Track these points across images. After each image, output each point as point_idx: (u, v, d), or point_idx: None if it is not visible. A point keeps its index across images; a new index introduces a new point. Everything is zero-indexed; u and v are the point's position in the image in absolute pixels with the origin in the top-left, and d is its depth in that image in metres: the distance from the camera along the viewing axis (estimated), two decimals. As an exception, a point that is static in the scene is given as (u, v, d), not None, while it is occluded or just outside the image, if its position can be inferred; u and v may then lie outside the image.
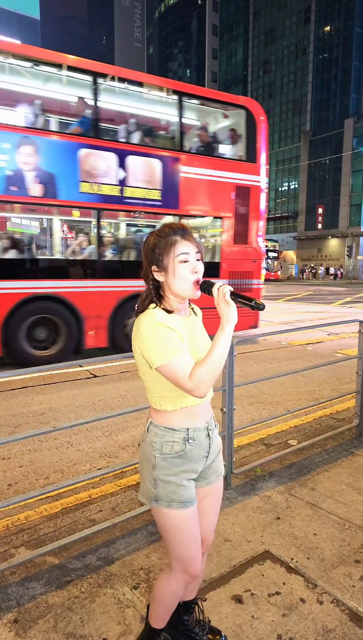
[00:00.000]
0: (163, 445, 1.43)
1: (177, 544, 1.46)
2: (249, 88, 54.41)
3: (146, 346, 1.34)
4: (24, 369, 2.60)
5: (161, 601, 1.57)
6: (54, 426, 2.41)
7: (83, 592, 2.02)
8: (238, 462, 3.27)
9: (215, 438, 1.54)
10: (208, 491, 1.57)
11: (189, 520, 1.45)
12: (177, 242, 1.37)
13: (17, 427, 4.17)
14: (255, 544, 2.35)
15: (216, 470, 1.58)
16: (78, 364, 2.69)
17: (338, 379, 5.83)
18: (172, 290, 1.41)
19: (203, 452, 1.48)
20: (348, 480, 3.06)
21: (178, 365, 1.31)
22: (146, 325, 1.35)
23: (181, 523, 1.44)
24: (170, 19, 71.90)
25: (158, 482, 1.43)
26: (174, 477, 1.42)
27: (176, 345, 1.32)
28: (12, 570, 2.17)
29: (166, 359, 1.31)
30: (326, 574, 2.13)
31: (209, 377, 1.31)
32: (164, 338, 1.32)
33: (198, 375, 1.30)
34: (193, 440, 1.44)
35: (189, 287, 1.38)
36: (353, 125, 40.53)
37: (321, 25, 45.22)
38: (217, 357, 1.32)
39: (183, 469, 1.44)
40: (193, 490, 1.48)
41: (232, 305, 1.33)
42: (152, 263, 1.40)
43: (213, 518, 1.63)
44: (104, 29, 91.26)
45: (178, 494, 1.42)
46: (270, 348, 8.00)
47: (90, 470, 3.30)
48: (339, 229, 41.83)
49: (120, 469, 2.80)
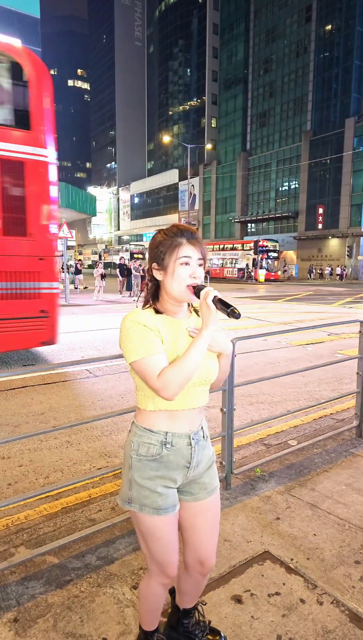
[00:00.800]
0: (140, 446, 1.42)
1: (151, 549, 1.45)
2: (249, 87, 54.31)
3: (123, 342, 1.36)
4: (23, 369, 2.60)
5: (144, 603, 1.57)
6: (54, 426, 2.41)
7: (83, 592, 2.02)
8: (237, 462, 3.27)
9: (201, 449, 1.48)
10: (197, 508, 1.51)
11: (162, 528, 1.41)
12: (182, 244, 1.37)
13: (17, 426, 4.17)
14: (254, 544, 2.35)
15: (206, 486, 1.51)
16: (78, 364, 2.69)
17: (338, 379, 5.83)
18: (167, 292, 1.40)
19: (183, 461, 1.43)
20: (348, 480, 3.06)
21: (149, 363, 1.31)
22: (125, 322, 1.37)
23: (153, 529, 1.41)
24: (170, 17, 71.76)
25: (133, 484, 1.42)
26: (148, 482, 1.40)
27: (150, 344, 1.32)
28: (12, 570, 2.17)
29: (139, 356, 1.32)
30: (326, 574, 2.13)
31: (178, 380, 1.29)
32: (139, 335, 1.33)
33: (166, 375, 1.29)
34: (171, 445, 1.41)
35: (183, 290, 1.37)
36: (354, 125, 40.44)
37: (322, 24, 45.09)
38: (189, 361, 1.30)
39: (159, 474, 1.41)
40: (171, 499, 1.43)
41: (212, 310, 1.31)
42: (154, 260, 1.41)
43: (210, 538, 1.53)
44: (104, 28, 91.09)
45: (150, 499, 1.40)
46: (270, 348, 7.99)
47: (90, 469, 3.30)
48: (339, 229, 41.76)
49: (120, 469, 2.79)
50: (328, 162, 43.63)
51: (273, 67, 51.37)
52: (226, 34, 58.49)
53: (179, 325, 1.43)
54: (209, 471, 1.53)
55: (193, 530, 1.52)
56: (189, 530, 1.53)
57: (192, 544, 1.54)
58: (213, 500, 1.54)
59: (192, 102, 68.53)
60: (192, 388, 1.41)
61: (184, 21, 68.53)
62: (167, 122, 74.83)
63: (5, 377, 5.75)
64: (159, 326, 1.37)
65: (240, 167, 53.37)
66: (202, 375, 1.42)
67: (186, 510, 1.51)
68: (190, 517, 1.52)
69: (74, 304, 16.25)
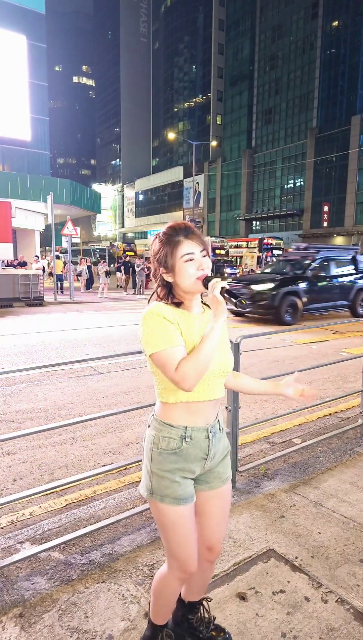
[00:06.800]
0: (160, 440, 1.45)
1: (171, 541, 1.47)
2: (255, 84, 54.07)
3: (143, 334, 1.39)
4: (28, 366, 2.60)
5: (158, 597, 1.59)
6: (59, 422, 2.41)
7: (88, 588, 2.03)
8: (242, 460, 3.27)
9: (217, 442, 1.52)
10: (210, 496, 1.56)
11: (183, 518, 1.45)
12: (181, 242, 1.39)
13: (22, 422, 4.19)
14: (259, 542, 2.35)
15: (220, 475, 1.56)
16: (83, 361, 2.70)
17: (342, 378, 5.81)
18: (181, 289, 1.43)
19: (201, 454, 1.47)
20: (352, 479, 3.06)
21: (168, 354, 1.34)
22: (145, 315, 1.39)
23: (174, 519, 1.44)
24: (176, 13, 71.47)
25: (153, 475, 1.46)
26: (168, 473, 1.44)
27: (170, 336, 1.35)
28: (18, 565, 2.18)
29: (158, 348, 1.34)
30: (330, 572, 2.13)
31: (194, 372, 1.32)
32: (159, 327, 1.36)
33: (183, 367, 1.32)
34: (190, 439, 1.45)
35: (194, 282, 1.40)
36: (360, 122, 40.19)
37: (328, 20, 44.80)
38: (203, 352, 1.33)
39: (178, 467, 1.44)
40: (189, 489, 1.47)
41: (221, 302, 1.34)
42: (160, 265, 1.43)
43: (220, 525, 1.59)
44: (109, 24, 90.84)
45: (171, 489, 1.43)
46: (274, 346, 7.98)
47: (94, 466, 3.31)
48: (345, 227, 41.60)
49: (124, 466, 2.80)
50: (334, 160, 43.42)
51: (279, 63, 51.12)
52: (232, 30, 58.20)
53: (195, 320, 1.46)
54: (224, 461, 1.58)
55: (204, 516, 1.56)
56: (200, 516, 1.56)
57: (201, 530, 1.57)
58: (226, 489, 1.59)
59: (197, 98, 68.33)
60: (213, 379, 1.45)
61: (190, 17, 68.28)
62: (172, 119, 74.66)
63: (10, 373, 5.77)
64: (178, 319, 1.41)
65: (245, 164, 53.20)
66: (220, 367, 1.46)
67: (199, 498, 1.55)
68: (203, 504, 1.56)
69: (79, 302, 16.28)
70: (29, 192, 25.33)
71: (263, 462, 3.15)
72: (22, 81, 28.60)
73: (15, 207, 17.49)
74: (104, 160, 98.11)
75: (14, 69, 28.11)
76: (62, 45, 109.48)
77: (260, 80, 53.82)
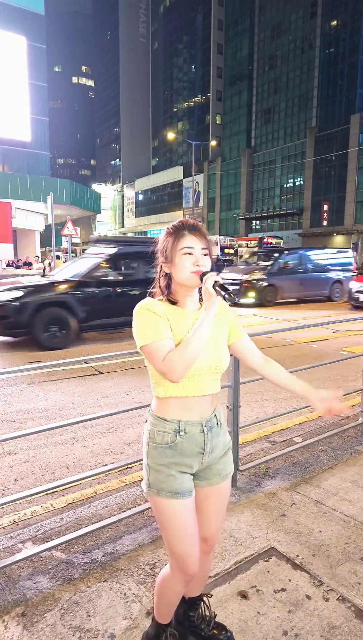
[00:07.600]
0: (156, 434, 1.47)
1: (170, 536, 1.48)
2: (254, 83, 54.05)
3: (134, 328, 1.43)
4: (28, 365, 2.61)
5: (161, 596, 1.60)
6: (60, 422, 2.42)
7: (89, 587, 2.04)
8: (243, 459, 3.28)
9: (215, 436, 1.52)
10: (209, 492, 1.57)
11: (180, 513, 1.45)
12: (183, 236, 1.43)
13: (23, 422, 4.20)
14: (260, 541, 2.36)
15: (220, 472, 1.57)
16: (83, 360, 2.70)
17: (343, 377, 5.82)
18: (176, 281, 1.46)
19: (197, 448, 1.48)
20: (353, 477, 3.06)
21: (157, 347, 1.37)
22: (136, 310, 1.44)
23: (171, 513, 1.45)
24: (175, 14, 71.47)
25: (150, 469, 1.48)
26: (164, 467, 1.46)
27: (158, 329, 1.38)
28: (20, 565, 2.19)
29: (147, 340, 1.38)
30: (331, 571, 2.13)
31: (181, 363, 1.33)
32: (149, 321, 1.40)
33: (171, 358, 1.34)
34: (184, 433, 1.46)
35: (188, 275, 1.42)
36: (360, 121, 40.16)
37: (327, 19, 44.76)
38: (191, 344, 1.34)
39: (174, 461, 1.46)
40: (187, 484, 1.48)
41: (213, 295, 1.36)
42: (161, 255, 1.48)
43: (217, 518, 1.62)
44: (109, 24, 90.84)
45: (167, 483, 1.45)
46: (275, 345, 7.98)
47: (95, 466, 3.32)
48: (344, 226, 41.57)
49: (125, 465, 2.81)
50: (334, 159, 43.40)
51: (278, 63, 51.09)
52: (231, 30, 58.16)
53: (188, 316, 1.48)
54: (224, 458, 1.59)
55: (202, 512, 1.57)
56: (198, 512, 1.57)
57: (198, 523, 1.57)
58: (225, 485, 1.61)
59: (197, 98, 68.28)
60: (203, 376, 1.45)
61: (189, 17, 68.24)
62: (171, 119, 74.62)
63: (11, 373, 5.78)
64: (168, 314, 1.43)
65: (245, 163, 53.17)
66: (210, 365, 1.46)
67: (198, 494, 1.56)
68: (201, 500, 1.57)
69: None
70: (29, 192, 25.36)
71: (264, 461, 3.16)
72: (22, 82, 28.64)
73: (15, 207, 17.50)
74: (104, 160, 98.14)
75: (14, 70, 28.15)
76: (61, 46, 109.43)
77: (259, 79, 53.80)
